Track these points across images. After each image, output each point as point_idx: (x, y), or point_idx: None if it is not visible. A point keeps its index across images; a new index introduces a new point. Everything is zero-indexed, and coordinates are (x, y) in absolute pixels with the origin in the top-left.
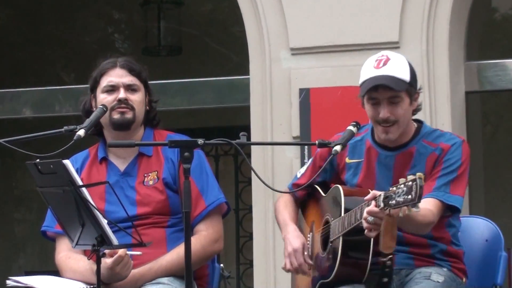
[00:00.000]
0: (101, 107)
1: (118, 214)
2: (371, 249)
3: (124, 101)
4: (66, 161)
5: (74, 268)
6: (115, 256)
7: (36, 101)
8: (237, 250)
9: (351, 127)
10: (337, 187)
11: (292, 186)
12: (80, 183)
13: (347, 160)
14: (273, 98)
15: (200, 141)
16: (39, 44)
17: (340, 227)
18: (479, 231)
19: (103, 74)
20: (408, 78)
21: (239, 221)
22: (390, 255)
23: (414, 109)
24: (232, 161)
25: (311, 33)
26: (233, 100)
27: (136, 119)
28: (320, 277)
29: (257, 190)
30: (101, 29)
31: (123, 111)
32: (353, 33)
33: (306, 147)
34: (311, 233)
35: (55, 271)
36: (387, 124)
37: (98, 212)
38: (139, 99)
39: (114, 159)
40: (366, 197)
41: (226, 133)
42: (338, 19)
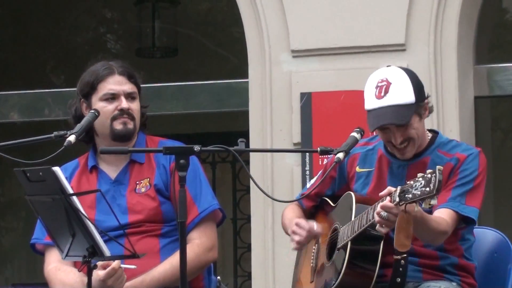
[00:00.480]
0: (93, 111)
1: (109, 223)
2: (379, 259)
3: (126, 111)
4: (56, 168)
5: (63, 280)
6: (108, 268)
7: (24, 105)
8: (234, 261)
9: (354, 134)
10: (349, 193)
11: (300, 197)
12: (70, 191)
13: (358, 169)
14: (273, 102)
15: (196, 148)
16: (27, 44)
17: (349, 231)
18: (487, 242)
19: (100, 80)
20: (413, 98)
21: (237, 231)
22: (404, 254)
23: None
24: (230, 168)
25: (313, 35)
26: (231, 104)
27: (136, 129)
28: (323, 285)
29: (256, 199)
30: (92, 29)
31: (125, 121)
32: (357, 34)
33: (307, 154)
34: (316, 245)
35: (44, 284)
36: (402, 145)
37: (89, 221)
38: (138, 107)
39: (105, 167)
40: (381, 192)
41: (223, 139)
42: (341, 20)
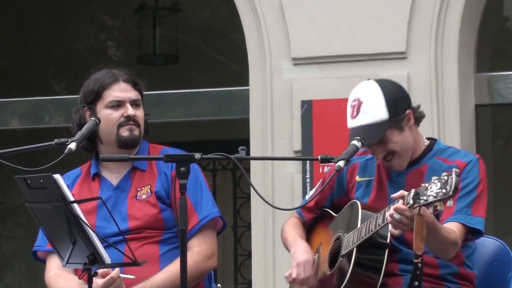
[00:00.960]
0: (94, 119)
1: (109, 229)
2: (383, 268)
3: (132, 118)
4: (56, 176)
5: (64, 287)
6: (107, 277)
7: (24, 112)
8: (235, 269)
9: (355, 142)
10: (355, 202)
11: (301, 210)
12: (71, 198)
13: (358, 178)
14: (273, 110)
15: (197, 156)
16: (27, 51)
17: (355, 238)
18: (488, 251)
19: (105, 88)
20: (385, 115)
21: (237, 239)
22: (421, 257)
23: (416, 121)
24: (230, 176)
25: (314, 42)
26: (232, 112)
27: (141, 135)
28: None
29: (256, 206)
30: (93, 36)
31: (131, 128)
32: (358, 42)
33: (308, 162)
34: (317, 254)
35: None
36: (386, 159)
37: (90, 229)
38: (142, 115)
39: (107, 174)
40: (393, 195)
41: (224, 146)
42: (343, 27)
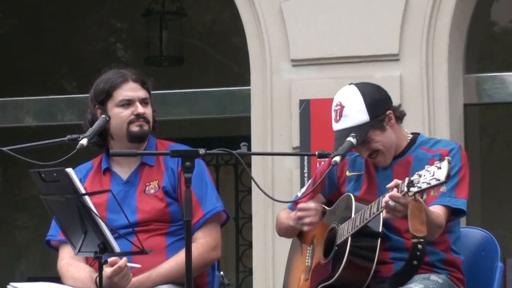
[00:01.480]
0: (104, 117)
1: (119, 222)
2: (376, 255)
3: (142, 116)
4: (69, 170)
5: (75, 276)
6: (115, 266)
7: (38, 110)
8: (236, 258)
9: (350, 138)
10: (348, 194)
11: (292, 205)
12: (83, 191)
13: (348, 173)
14: (273, 108)
15: (201, 151)
16: (41, 53)
17: (350, 227)
18: (476, 242)
19: (115, 88)
20: (366, 117)
21: (239, 229)
22: (421, 238)
23: (398, 120)
24: (232, 170)
25: (312, 45)
26: (234, 110)
27: (149, 131)
28: (320, 281)
29: (257, 199)
30: (103, 39)
31: (141, 124)
32: (353, 45)
33: (305, 157)
34: (311, 245)
35: (57, 278)
36: (371, 157)
37: (100, 220)
38: (151, 112)
39: (117, 169)
40: (388, 184)
41: (226, 143)
42: (338, 31)
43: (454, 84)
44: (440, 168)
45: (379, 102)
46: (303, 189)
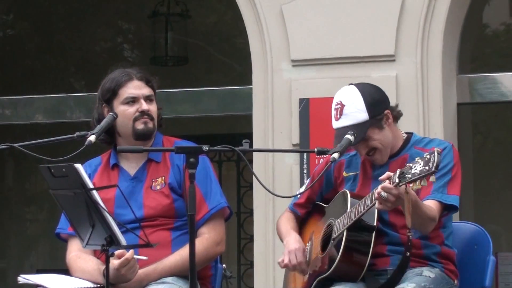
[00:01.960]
0: (112, 114)
1: (126, 216)
2: (371, 249)
3: (147, 112)
4: (77, 165)
5: (83, 268)
6: (122, 259)
7: (48, 108)
8: (238, 251)
9: (348, 136)
10: (344, 191)
11: (293, 206)
12: (91, 186)
13: (345, 173)
14: (274, 107)
15: (205, 148)
16: (51, 53)
17: (345, 221)
18: (469, 236)
19: (121, 86)
20: (366, 115)
21: (241, 223)
22: (410, 231)
23: (395, 120)
24: (234, 166)
25: (311, 46)
26: (236, 108)
27: (155, 128)
28: (317, 274)
29: (258, 194)
30: (110, 39)
31: (146, 121)
32: (351, 46)
33: (305, 154)
34: (310, 241)
35: (65, 270)
36: (369, 154)
37: (107, 213)
38: (155, 109)
39: (125, 165)
40: (381, 177)
41: (229, 140)
42: (337, 32)
43: (447, 84)
44: (429, 158)
45: (378, 102)
46: (302, 189)
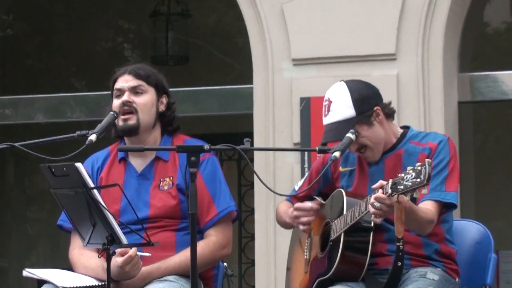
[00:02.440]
0: (112, 113)
1: (132, 215)
2: (369, 249)
3: (126, 104)
4: (78, 164)
5: (86, 264)
6: (126, 256)
7: (49, 107)
8: (239, 250)
9: (349, 134)
10: (339, 190)
11: (290, 199)
12: (91, 185)
13: (341, 169)
14: (275, 106)
15: (206, 146)
16: (51, 53)
17: (342, 224)
18: (470, 234)
19: (115, 81)
20: (352, 112)
21: (242, 222)
22: (401, 240)
23: (387, 117)
24: (235, 165)
25: (312, 45)
26: (237, 107)
27: (141, 123)
28: (318, 274)
29: (259, 193)
30: (111, 39)
31: (125, 118)
32: (352, 45)
33: (306, 153)
34: (309, 238)
35: (67, 269)
36: (360, 151)
37: (108, 212)
38: (144, 101)
39: (132, 161)
40: (374, 185)
41: (230, 139)
42: (338, 32)
43: (448, 82)
44: (420, 170)
45: (366, 98)
46: (300, 182)
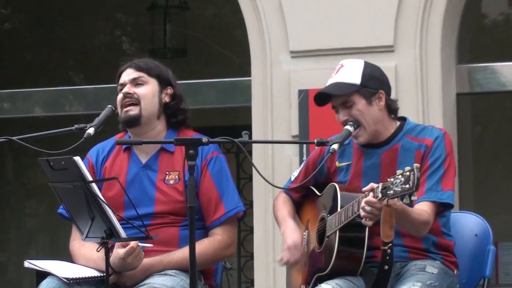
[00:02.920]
0: (110, 106)
1: (137, 207)
2: (365, 243)
3: (127, 95)
4: (76, 158)
5: (87, 255)
6: (128, 247)
7: (47, 101)
8: (238, 243)
9: (348, 127)
10: (333, 185)
11: (289, 191)
12: (90, 178)
13: (337, 163)
14: (273, 98)
15: (204, 139)
16: (49, 46)
17: (336, 221)
18: (469, 226)
19: (119, 76)
20: (358, 81)
21: None
22: (389, 244)
23: (388, 109)
24: (234, 158)
25: (310, 37)
26: (235, 100)
27: (143, 113)
28: (316, 270)
29: (258, 186)
30: (109, 32)
31: (127, 109)
32: (350, 37)
33: (304, 145)
34: (306, 231)
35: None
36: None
37: (107, 206)
38: (145, 92)
39: (137, 151)
40: (364, 188)
41: (228, 132)
42: (336, 24)
43: (446, 74)
44: (409, 176)
45: (376, 78)
46: (296, 172)
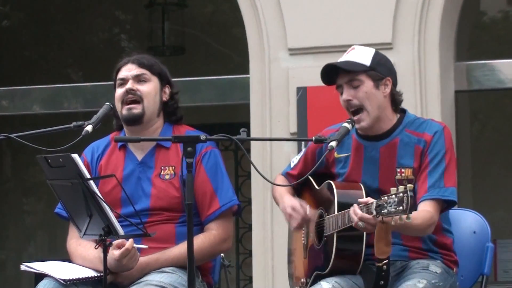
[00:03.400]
0: (108, 104)
1: (134, 203)
2: (364, 242)
3: (130, 91)
4: (74, 155)
5: (83, 255)
6: (123, 249)
7: (45, 98)
8: (236, 240)
9: (346, 124)
10: (330, 183)
11: (286, 174)
12: (87, 176)
13: (336, 154)
14: (272, 96)
15: (202, 137)
16: (48, 44)
17: (334, 224)
18: (467, 223)
19: (118, 71)
20: (368, 63)
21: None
22: (385, 260)
23: (392, 99)
24: (232, 156)
25: (308, 35)
26: (233, 98)
27: (146, 111)
28: (315, 267)
29: (256, 183)
30: (107, 30)
31: (130, 106)
32: (348, 34)
33: (303, 142)
34: (305, 226)
35: (65, 260)
36: (352, 108)
37: (105, 203)
38: (148, 89)
39: (133, 148)
40: (360, 199)
41: (227, 129)
42: (334, 21)
43: (445, 71)
44: (402, 198)
45: (385, 65)
46: (296, 160)
